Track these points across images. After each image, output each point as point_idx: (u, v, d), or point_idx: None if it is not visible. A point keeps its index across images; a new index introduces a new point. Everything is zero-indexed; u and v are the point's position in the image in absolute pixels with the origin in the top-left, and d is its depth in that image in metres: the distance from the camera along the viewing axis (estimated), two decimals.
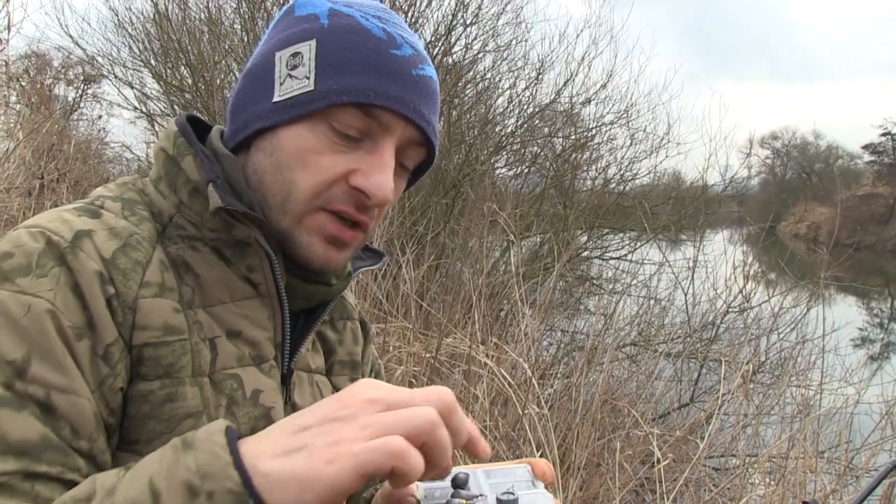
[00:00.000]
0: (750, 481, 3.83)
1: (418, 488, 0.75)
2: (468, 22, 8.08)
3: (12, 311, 0.71)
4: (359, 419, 0.60)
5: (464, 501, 0.70)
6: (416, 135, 0.89)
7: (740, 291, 5.61)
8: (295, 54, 0.88)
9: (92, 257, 0.77)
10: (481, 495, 0.71)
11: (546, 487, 0.75)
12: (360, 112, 0.85)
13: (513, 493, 0.70)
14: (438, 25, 8.00)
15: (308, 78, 0.86)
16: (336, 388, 1.05)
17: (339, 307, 1.10)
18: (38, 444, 0.67)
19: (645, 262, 7.22)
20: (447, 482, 0.74)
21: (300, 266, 0.91)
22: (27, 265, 0.74)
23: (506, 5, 8.21)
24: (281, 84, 0.87)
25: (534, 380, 3.43)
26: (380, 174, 0.85)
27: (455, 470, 0.76)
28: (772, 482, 3.80)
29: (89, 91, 13.57)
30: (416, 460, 0.58)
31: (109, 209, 0.85)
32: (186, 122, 0.93)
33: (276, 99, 0.87)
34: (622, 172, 8.17)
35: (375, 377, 1.19)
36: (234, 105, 0.93)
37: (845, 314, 8.89)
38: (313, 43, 0.87)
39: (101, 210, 0.84)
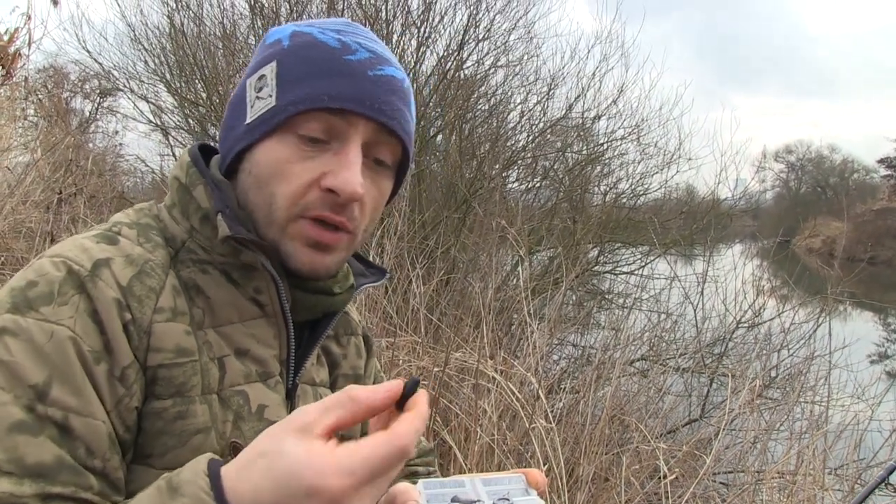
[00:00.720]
0: (758, 497, 3.82)
1: (420, 494, 0.80)
2: (480, 37, 8.14)
3: (36, 338, 0.76)
4: None
5: None
6: (382, 131, 0.92)
7: (750, 307, 5.59)
8: (260, 77, 0.93)
9: (110, 285, 0.83)
10: (479, 501, 0.75)
11: (539, 495, 0.79)
12: (319, 116, 0.89)
13: (508, 499, 0.74)
14: (451, 41, 8.06)
15: (271, 96, 0.91)
16: None
17: (344, 323, 1.15)
18: (53, 465, 0.71)
19: (655, 276, 7.21)
20: (446, 489, 0.79)
21: (301, 278, 0.95)
22: (49, 293, 0.80)
23: (517, 21, 8.27)
24: (251, 107, 0.93)
25: (541, 394, 3.44)
26: (346, 171, 0.89)
27: (454, 479, 0.81)
28: (781, 498, 3.79)
29: (105, 104, 13.75)
30: None
31: (126, 236, 0.90)
32: (198, 152, 0.99)
33: (247, 121, 0.93)
34: (633, 187, 8.18)
35: None
36: (221, 134, 0.99)
37: (860, 330, 8.83)
38: (274, 64, 0.93)
39: (119, 237, 0.90)
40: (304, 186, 0.89)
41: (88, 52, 9.03)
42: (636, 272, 7.72)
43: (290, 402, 0.99)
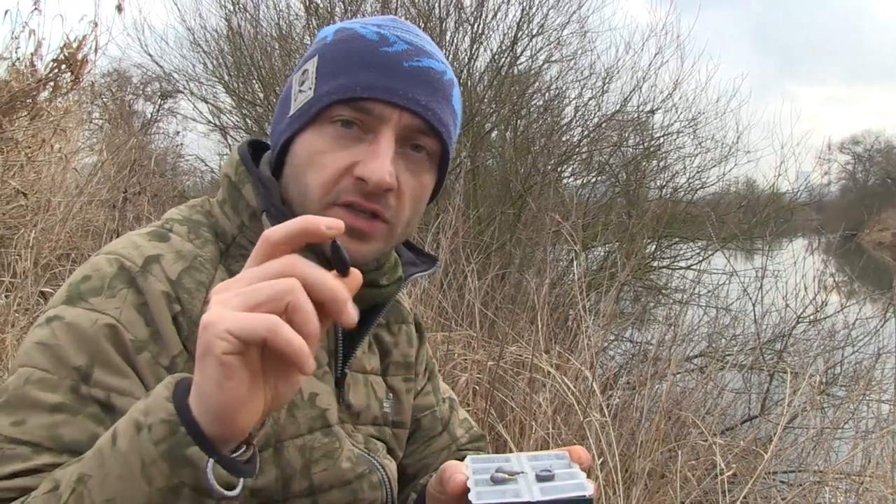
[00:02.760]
0: (821, 497, 3.74)
1: (468, 468, 0.83)
2: (534, 33, 8.10)
3: (81, 325, 0.82)
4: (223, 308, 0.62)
5: (506, 475, 0.79)
6: (417, 122, 0.93)
7: (811, 302, 5.45)
8: (304, 72, 0.96)
9: (160, 279, 0.87)
10: (522, 472, 0.78)
11: (583, 470, 0.82)
12: (353, 105, 0.91)
13: (550, 471, 0.77)
14: (504, 37, 8.05)
15: (311, 88, 0.94)
16: (390, 388, 1.12)
17: (395, 311, 1.17)
18: (88, 443, 0.75)
19: (713, 271, 7.08)
20: (493, 463, 0.82)
21: None
22: (100, 287, 0.85)
23: (571, 16, 8.20)
24: (294, 100, 0.96)
25: (596, 388, 3.43)
26: (376, 160, 0.90)
27: (500, 456, 0.85)
28: (847, 499, 3.70)
29: (166, 106, 14.14)
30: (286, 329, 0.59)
31: (177, 232, 0.94)
32: (247, 150, 1.02)
33: (290, 113, 0.96)
34: (690, 181, 8.05)
35: (430, 376, 1.27)
36: (271, 131, 1.02)
37: None
38: (316, 58, 0.96)
39: (170, 234, 0.94)
40: (336, 175, 0.91)
41: (150, 55, 9.35)
42: (693, 267, 7.59)
43: (340, 390, 1.02)
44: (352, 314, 0.63)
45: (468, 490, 0.77)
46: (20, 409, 0.78)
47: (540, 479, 0.77)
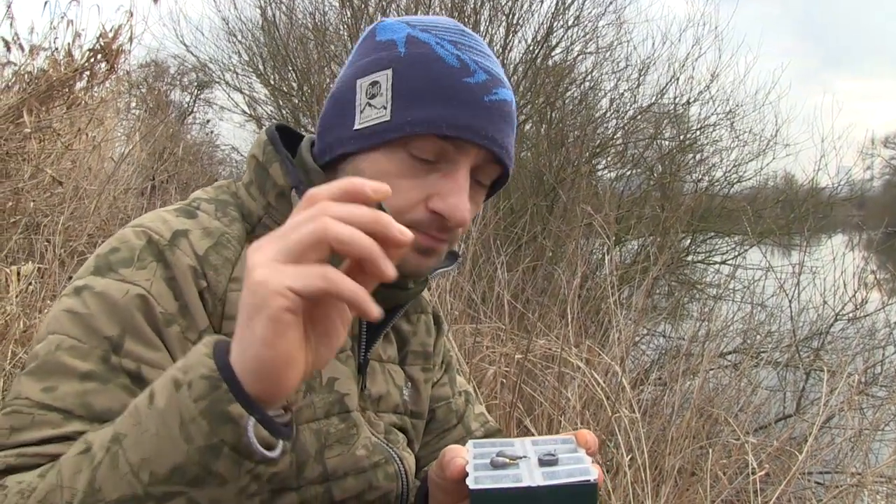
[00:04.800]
0: (859, 501, 3.63)
1: (469, 451, 0.81)
2: (569, 24, 8.02)
3: (113, 295, 0.82)
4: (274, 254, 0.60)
5: (507, 460, 0.76)
6: (489, 156, 0.93)
7: (850, 299, 5.32)
8: (374, 83, 0.93)
9: (187, 254, 0.87)
10: (525, 457, 0.75)
11: (588, 454, 0.79)
12: (434, 140, 0.90)
13: (553, 455, 0.74)
14: (539, 28, 7.98)
15: (385, 108, 0.91)
16: (409, 377, 1.12)
17: (414, 301, 1.15)
18: (119, 412, 0.74)
19: (749, 266, 6.95)
20: (495, 448, 0.79)
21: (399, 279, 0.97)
22: (130, 258, 0.85)
23: (607, 7, 8.10)
24: (361, 112, 0.93)
25: (625, 383, 3.38)
26: (455, 198, 0.90)
27: (504, 440, 0.82)
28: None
29: (202, 96, 14.30)
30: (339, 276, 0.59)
31: (205, 210, 0.94)
32: (275, 131, 1.01)
33: (357, 127, 0.93)
34: (727, 174, 7.90)
35: (447, 368, 1.26)
36: (321, 126, 0.99)
37: None
38: (390, 72, 0.92)
39: (198, 211, 0.94)
40: (410, 203, 0.91)
41: (186, 45, 9.47)
42: (729, 262, 7.46)
43: (363, 376, 1.01)
44: (390, 268, 0.62)
45: (467, 475, 0.74)
46: (52, 376, 0.78)
47: (542, 463, 0.74)
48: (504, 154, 0.94)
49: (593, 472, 0.71)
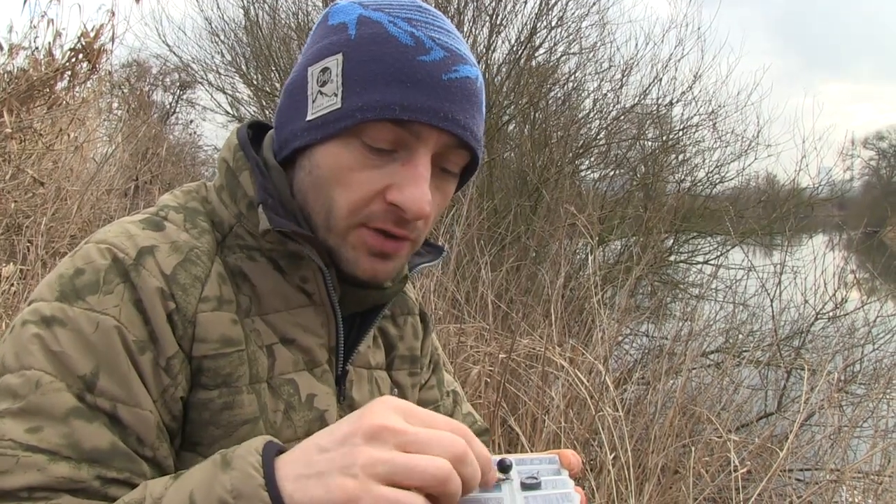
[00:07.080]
0: (838, 496, 3.68)
1: None
2: (553, 25, 8.05)
3: (83, 329, 0.77)
4: (374, 449, 0.61)
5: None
6: (453, 140, 0.87)
7: (830, 298, 5.38)
8: (324, 70, 0.87)
9: (154, 274, 0.82)
10: (507, 478, 0.75)
11: (571, 477, 0.78)
12: (389, 126, 0.83)
13: (536, 478, 0.74)
14: (523, 28, 8.00)
15: (336, 95, 0.85)
16: (396, 384, 1.08)
17: (400, 302, 1.12)
18: (109, 451, 0.73)
19: (731, 266, 7.01)
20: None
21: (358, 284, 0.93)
22: (96, 282, 0.80)
23: (590, 8, 8.14)
24: (313, 101, 0.87)
25: (608, 382, 3.40)
26: (414, 187, 0.84)
27: (497, 458, 0.81)
28: (864, 499, 3.64)
29: (184, 96, 14.23)
30: None
31: (172, 221, 0.88)
32: (247, 134, 0.96)
33: (308, 117, 0.87)
34: (709, 175, 7.96)
35: (434, 369, 1.22)
36: (277, 121, 0.94)
37: None
38: (339, 57, 0.86)
39: (165, 222, 0.88)
40: (367, 197, 0.85)
41: (168, 45, 9.38)
42: (711, 262, 7.53)
43: (340, 388, 0.97)
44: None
45: None
46: (36, 416, 0.73)
47: (525, 486, 0.74)
48: (469, 136, 0.86)
49: (575, 499, 0.71)
